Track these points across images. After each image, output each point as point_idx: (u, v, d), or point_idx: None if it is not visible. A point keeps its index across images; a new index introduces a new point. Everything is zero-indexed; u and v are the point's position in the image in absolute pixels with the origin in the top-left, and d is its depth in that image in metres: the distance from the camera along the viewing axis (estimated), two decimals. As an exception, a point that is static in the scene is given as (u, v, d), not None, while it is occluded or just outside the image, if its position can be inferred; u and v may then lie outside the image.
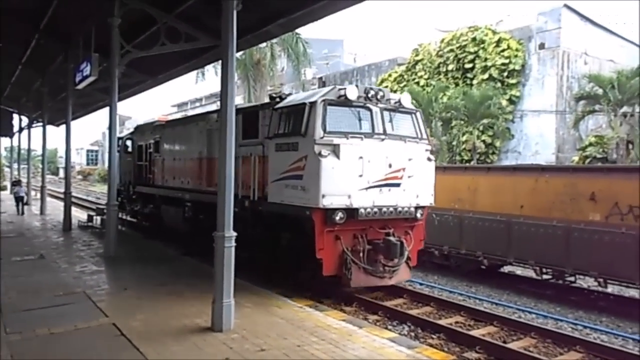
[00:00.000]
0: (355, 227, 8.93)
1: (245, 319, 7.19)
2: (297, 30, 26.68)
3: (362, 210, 8.75)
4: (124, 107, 61.17)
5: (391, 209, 9.15)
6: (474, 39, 28.59)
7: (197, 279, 9.60)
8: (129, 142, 19.13)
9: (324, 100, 8.86)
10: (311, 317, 7.69)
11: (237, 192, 10.18)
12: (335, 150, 8.56)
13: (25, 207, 22.92)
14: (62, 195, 20.14)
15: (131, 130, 20.32)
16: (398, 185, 9.20)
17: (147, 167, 16.98)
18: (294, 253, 9.45)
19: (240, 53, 27.38)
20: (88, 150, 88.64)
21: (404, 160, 9.26)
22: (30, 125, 28.28)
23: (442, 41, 30.46)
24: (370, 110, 9.29)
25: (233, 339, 6.52)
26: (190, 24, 11.35)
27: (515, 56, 27.35)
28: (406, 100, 9.87)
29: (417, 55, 31.93)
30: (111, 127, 12.64)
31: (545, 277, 11.16)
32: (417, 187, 9.52)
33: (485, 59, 27.98)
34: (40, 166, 31.57)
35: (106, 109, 17.23)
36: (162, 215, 15.53)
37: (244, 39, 10.41)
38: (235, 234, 6.98)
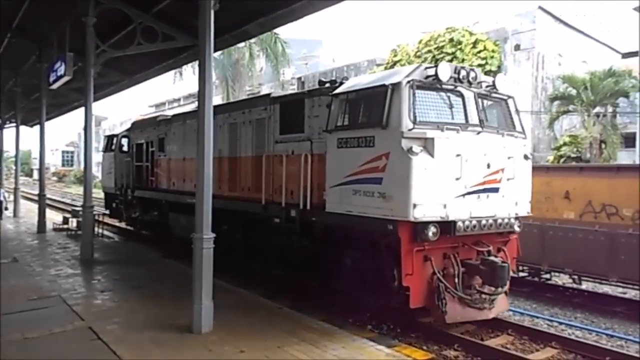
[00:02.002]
0: (446, 245, 7.19)
1: (225, 320, 7.06)
2: (276, 30, 26.66)
3: (461, 224, 6.97)
4: (99, 107, 60.32)
5: (490, 220, 7.35)
6: (451, 40, 28.86)
7: (177, 281, 9.41)
8: (124, 141, 17.41)
9: (410, 82, 7.00)
10: (291, 317, 7.61)
11: (271, 198, 9.26)
12: (428, 146, 6.76)
13: (5, 211, 22.00)
14: (36, 198, 19.74)
15: (127, 126, 18.74)
16: (497, 190, 7.41)
17: (148, 168, 15.14)
18: (363, 277, 7.75)
19: (219, 53, 27.22)
20: (63, 151, 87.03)
21: (503, 159, 7.48)
22: (2, 126, 27.67)
23: (420, 42, 30.71)
24: (462, 95, 7.49)
25: (212, 341, 6.44)
26: (167, 23, 11.22)
27: (492, 57, 27.68)
28: (501, 83, 8.00)
29: (395, 55, 32.12)
30: (87, 128, 12.43)
31: (521, 274, 11.35)
32: (516, 193, 7.74)
33: (463, 60, 28.28)
34: (13, 167, 30.90)
35: (81, 110, 16.91)
36: (170, 225, 13.45)
37: (222, 39, 10.32)
38: (213, 235, 6.90)
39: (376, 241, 7.49)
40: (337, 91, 7.99)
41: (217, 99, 31.05)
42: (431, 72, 7.23)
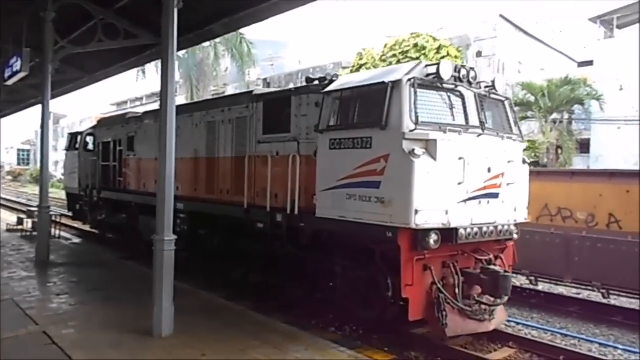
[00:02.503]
0: (445, 253, 6.74)
1: (186, 324, 6.84)
2: (242, 31, 26.44)
3: (462, 231, 6.57)
4: (58, 104, 58.45)
5: (491, 227, 6.99)
6: (415, 45, 29.21)
7: (137, 283, 9.02)
8: (90, 139, 16.42)
9: (411, 79, 6.48)
10: (254, 320, 7.45)
11: (254, 201, 8.70)
12: (430, 148, 6.29)
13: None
14: (-11, 198, 18.97)
15: (89, 125, 17.62)
16: (497, 195, 7.04)
17: (116, 168, 14.28)
18: (355, 286, 7.33)
19: (183, 52, 26.80)
20: (19, 150, 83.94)
21: (503, 163, 7.12)
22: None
23: (385, 46, 31.04)
24: (462, 95, 7.07)
25: (173, 344, 6.28)
26: (130, 20, 10.91)
27: (455, 63, 28.27)
28: (500, 83, 7.73)
29: (361, 59, 32.28)
30: (44, 126, 11.73)
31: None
32: (515, 198, 7.40)
33: (426, 65, 28.70)
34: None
35: (39, 107, 16.39)
36: (140, 228, 12.59)
37: (186, 38, 10.10)
38: (175, 237, 6.76)
39: (370, 249, 7.00)
40: (329, 89, 7.39)
41: (180, 99, 30.56)
42: (432, 70, 6.80)
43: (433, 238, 6.35)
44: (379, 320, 7.27)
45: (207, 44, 26.19)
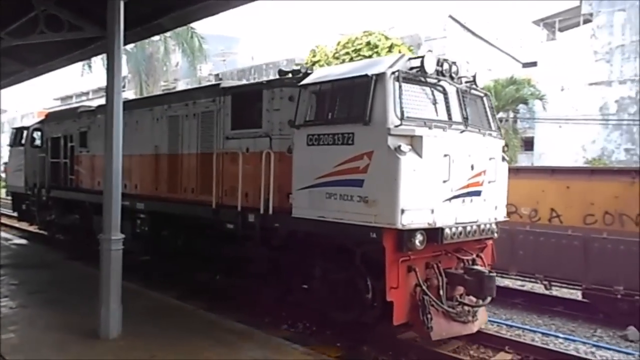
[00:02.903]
0: (428, 254, 6.45)
1: (136, 325, 6.66)
2: (193, 25, 25.92)
3: (448, 231, 6.28)
4: (-3, 99, 55.63)
5: (474, 226, 6.74)
6: (368, 43, 29.52)
7: (82, 284, 8.63)
8: (37, 134, 15.32)
9: (395, 72, 6.14)
10: (206, 319, 7.33)
11: (221, 200, 8.22)
12: (416, 144, 6.00)
13: None
14: None
15: (32, 120, 16.60)
16: (479, 193, 6.84)
17: (67, 165, 13.27)
18: (333, 289, 6.95)
19: (131, 45, 26.04)
20: (-47, 146, 79.49)
21: (485, 161, 6.92)
22: None
23: (338, 44, 31.23)
24: (444, 90, 6.78)
25: (120, 346, 6.10)
26: (74, 12, 10.49)
27: (406, 62, 28.72)
28: (480, 78, 7.45)
29: (314, 56, 32.35)
30: None
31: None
32: (496, 196, 7.25)
33: (379, 63, 29.04)
34: None
35: (-25, 101, 15.46)
36: (94, 229, 11.27)
37: (133, 31, 9.73)
38: (122, 236, 6.57)
39: (350, 250, 6.65)
40: (306, 81, 6.96)
41: (129, 94, 29.70)
42: (415, 63, 6.51)
43: (419, 238, 6.04)
44: (357, 323, 6.95)
45: (156, 37, 25.50)
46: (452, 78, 6.88)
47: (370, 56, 29.11)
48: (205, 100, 8.86)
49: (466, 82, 7.22)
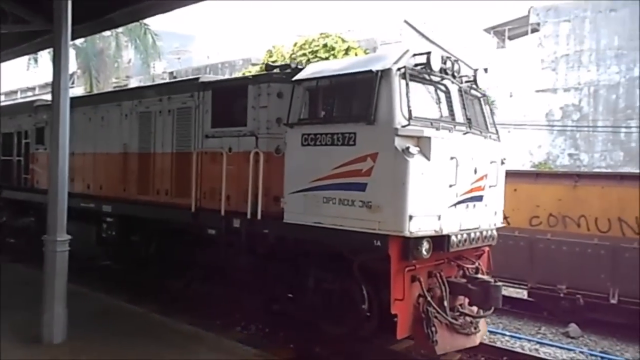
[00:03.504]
0: (431, 262, 6.02)
1: (83, 329, 6.39)
2: (146, 21, 25.30)
3: (454, 238, 5.86)
4: None
5: (477, 233, 6.35)
6: (325, 46, 29.67)
7: (24, 287, 8.10)
8: None
9: (402, 69, 5.72)
10: (157, 323, 7.15)
11: (199, 203, 7.61)
12: (423, 146, 5.56)
13: None
14: None
15: None
16: (481, 198, 6.45)
17: (21, 164, 12.32)
18: (328, 300, 6.45)
19: (81, 40, 25.17)
20: None
21: (486, 164, 6.52)
22: None
23: (295, 45, 31.23)
24: (447, 89, 6.42)
25: (64, 351, 5.87)
26: (19, 3, 10.10)
27: (362, 65, 29.03)
28: (482, 78, 6.99)
29: (271, 56, 32.20)
30: None
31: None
32: (495, 202, 6.86)
33: (335, 66, 29.23)
34: None
35: None
36: None
37: (83, 26, 9.36)
38: (68, 237, 6.31)
39: (347, 259, 6.14)
40: (300, 77, 6.43)
41: (78, 90, 28.70)
42: (420, 59, 6.08)
43: (425, 247, 5.59)
44: (352, 336, 6.52)
45: (107, 33, 24.78)
46: (454, 76, 6.49)
47: (327, 58, 29.32)
48: (181, 95, 8.20)
49: (466, 81, 6.83)
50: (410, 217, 5.42)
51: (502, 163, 7.06)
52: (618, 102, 25.76)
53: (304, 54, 30.30)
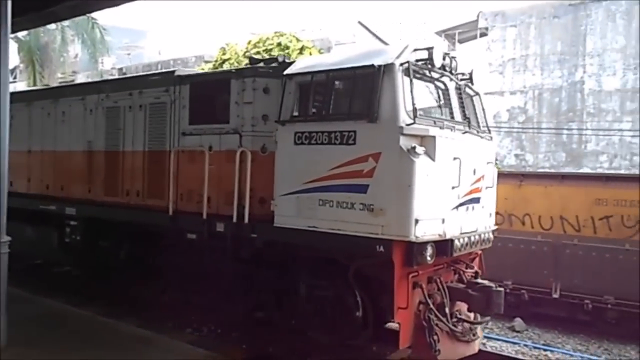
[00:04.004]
0: (430, 267, 5.74)
1: (24, 334, 6.19)
2: (94, 15, 24.52)
3: (457, 242, 5.60)
4: None
5: (477, 236, 6.10)
6: (279, 44, 29.59)
7: None
8: None
9: (405, 64, 5.40)
10: (105, 326, 6.95)
11: (176, 206, 7.12)
12: (428, 146, 5.29)
13: None
14: None
15: None
16: (478, 200, 6.21)
17: None
18: (321, 308, 6.07)
19: (24, 33, 24.15)
20: None
21: (483, 164, 6.31)
22: None
23: (249, 43, 30.99)
24: (445, 86, 6.15)
25: (6, 356, 5.62)
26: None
27: (316, 64, 29.16)
28: (476, 76, 6.84)
29: (224, 53, 31.87)
30: None
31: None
32: (490, 203, 6.63)
33: (289, 65, 29.23)
34: None
35: None
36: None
37: (25, 18, 9.01)
38: (9, 238, 6.01)
39: (341, 264, 5.79)
40: (291, 71, 6.06)
41: (21, 85, 27.49)
42: (421, 54, 5.76)
43: (429, 252, 5.31)
44: (345, 345, 6.16)
45: (53, 26, 23.85)
46: (451, 73, 6.25)
47: (281, 57, 29.18)
48: (155, 89, 7.64)
49: (462, 79, 6.58)
50: (416, 221, 5.14)
51: (495, 164, 6.89)
52: (561, 105, 26.86)
53: (258, 52, 30.05)
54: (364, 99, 5.44)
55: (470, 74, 6.70)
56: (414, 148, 5.14)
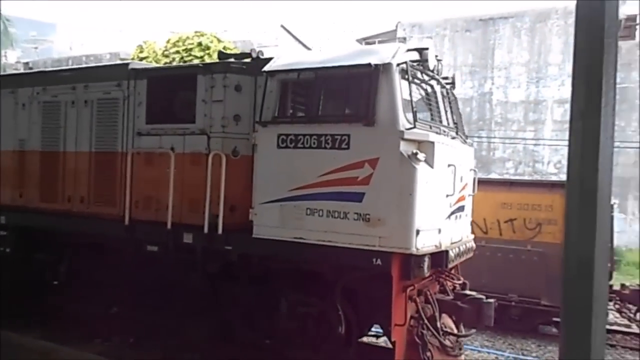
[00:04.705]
0: (420, 280, 5.38)
1: None
2: (-4, 5, 22.85)
3: (451, 253, 5.30)
4: None
5: (464, 246, 5.85)
6: (200, 44, 28.99)
7: None
8: None
9: (402, 64, 5.06)
10: (5, 337, 6.43)
11: (131, 214, 6.29)
12: (427, 152, 4.95)
13: None
14: None
15: None
16: (463, 209, 5.97)
17: None
18: (301, 326, 5.58)
19: None
20: None
21: (467, 171, 6.04)
22: None
23: (168, 41, 30.12)
24: (433, 90, 5.82)
25: None
26: None
27: (238, 66, 28.89)
28: (458, 80, 6.56)
29: (141, 51, 30.77)
30: None
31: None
32: (470, 211, 6.35)
33: (211, 65, 28.74)
34: None
35: None
36: None
37: None
38: None
39: (328, 278, 5.36)
40: (274, 67, 5.51)
41: None
42: (413, 55, 5.44)
43: (427, 264, 4.96)
44: None
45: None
46: (437, 75, 5.98)
47: (202, 57, 28.76)
48: (104, 83, 6.83)
49: (447, 83, 6.34)
50: (417, 232, 4.78)
51: (474, 172, 6.64)
52: (472, 115, 28.38)
53: (178, 52, 29.31)
54: (359, 100, 5.06)
55: (453, 77, 6.52)
56: (415, 154, 4.80)
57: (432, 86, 5.84)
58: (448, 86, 6.32)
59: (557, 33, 24.17)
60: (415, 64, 5.45)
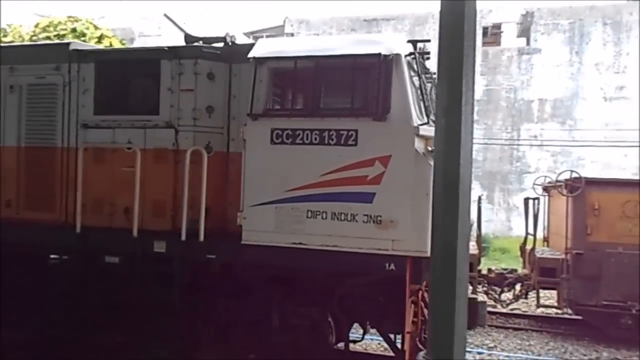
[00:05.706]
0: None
1: None
2: None
3: None
4: None
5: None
6: (74, 30, 27.01)
7: None
8: None
9: (412, 55, 4.78)
10: None
11: (80, 220, 5.29)
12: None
13: None
14: None
15: None
16: None
17: None
18: (297, 338, 5.06)
19: None
20: None
21: None
22: None
23: (37, 26, 27.71)
24: (432, 84, 5.36)
25: None
26: None
27: (118, 55, 27.38)
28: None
29: (5, 36, 28.02)
30: None
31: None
32: None
33: (87, 54, 26.93)
34: None
35: None
36: None
37: None
38: None
39: (327, 286, 4.95)
40: (263, 54, 4.91)
41: None
42: (411, 47, 5.03)
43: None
44: None
45: None
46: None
47: (76, 44, 26.72)
48: (37, 66, 5.85)
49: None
50: None
51: None
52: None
53: (49, 37, 27.02)
54: (366, 92, 4.68)
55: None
56: (431, 151, 4.43)
57: (430, 80, 5.57)
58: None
59: (433, 37, 25.81)
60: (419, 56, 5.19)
